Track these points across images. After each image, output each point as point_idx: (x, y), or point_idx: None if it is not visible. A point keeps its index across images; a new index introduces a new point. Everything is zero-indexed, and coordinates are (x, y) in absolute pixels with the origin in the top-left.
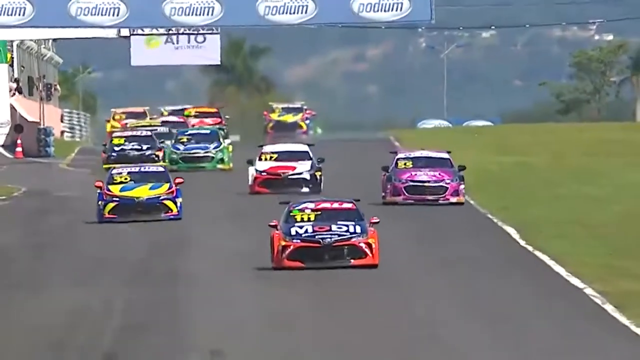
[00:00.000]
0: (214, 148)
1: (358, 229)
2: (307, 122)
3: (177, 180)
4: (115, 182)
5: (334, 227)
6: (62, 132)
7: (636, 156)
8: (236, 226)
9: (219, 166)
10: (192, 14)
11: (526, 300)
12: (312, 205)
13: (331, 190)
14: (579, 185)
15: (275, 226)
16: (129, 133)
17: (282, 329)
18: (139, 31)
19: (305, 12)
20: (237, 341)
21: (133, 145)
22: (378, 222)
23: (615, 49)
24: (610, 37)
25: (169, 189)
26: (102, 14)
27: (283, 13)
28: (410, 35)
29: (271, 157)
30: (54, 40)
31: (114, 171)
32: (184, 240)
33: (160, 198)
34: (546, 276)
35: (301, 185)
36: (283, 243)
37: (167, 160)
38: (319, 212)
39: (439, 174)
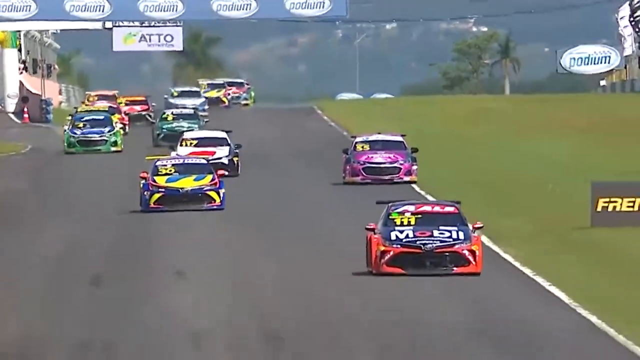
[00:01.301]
0: (108, 132)
1: (461, 235)
2: (229, 96)
3: (220, 172)
4: (160, 173)
5: (435, 233)
6: (60, 103)
7: (506, 122)
8: None
9: (113, 148)
10: (160, 11)
11: None
12: (412, 208)
13: (272, 151)
14: (464, 147)
15: (372, 229)
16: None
17: (242, 263)
18: (120, 24)
19: (249, 9)
20: (199, 267)
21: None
22: (482, 227)
23: (488, 38)
24: (485, 29)
25: (212, 180)
26: (90, 11)
27: (231, 10)
28: (331, 27)
29: (192, 143)
30: (61, 30)
31: (159, 163)
32: None
33: (204, 189)
34: None
35: (220, 169)
36: (382, 248)
37: (65, 144)
38: (420, 216)
39: (394, 156)
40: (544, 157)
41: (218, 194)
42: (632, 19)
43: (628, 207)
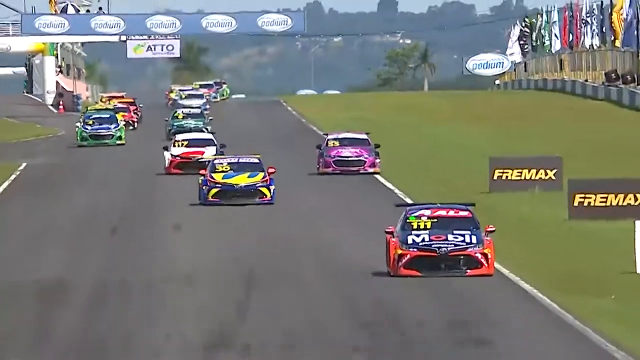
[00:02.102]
0: (114, 128)
1: (474, 239)
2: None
3: (270, 170)
4: (217, 170)
5: (450, 237)
6: (87, 98)
7: (425, 113)
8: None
9: (118, 142)
10: (163, 27)
11: (365, 193)
12: (428, 212)
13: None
14: (393, 131)
15: (391, 232)
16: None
17: (230, 226)
18: (131, 37)
19: (230, 26)
20: (194, 225)
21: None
22: (494, 231)
23: (412, 48)
24: (409, 41)
25: (264, 177)
26: (109, 27)
27: (217, 26)
28: (292, 40)
29: (183, 144)
30: (88, 42)
31: (216, 161)
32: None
33: (257, 185)
34: (375, 184)
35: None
36: (399, 251)
37: (78, 138)
38: (435, 220)
39: (359, 151)
40: (454, 139)
41: (269, 189)
42: (524, 23)
43: (517, 176)
